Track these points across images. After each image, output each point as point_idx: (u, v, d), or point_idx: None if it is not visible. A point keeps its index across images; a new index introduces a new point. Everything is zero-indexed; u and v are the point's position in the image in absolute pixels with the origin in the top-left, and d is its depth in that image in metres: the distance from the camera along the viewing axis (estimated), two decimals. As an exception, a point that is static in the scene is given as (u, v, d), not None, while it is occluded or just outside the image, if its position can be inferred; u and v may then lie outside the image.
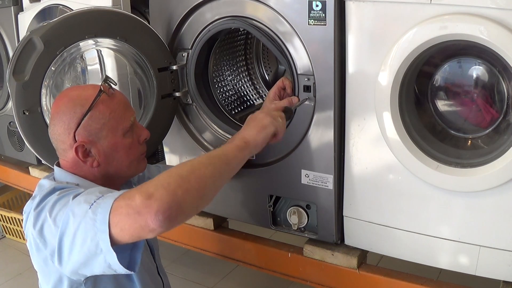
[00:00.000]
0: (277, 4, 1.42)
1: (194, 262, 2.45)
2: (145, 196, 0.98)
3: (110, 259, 1.03)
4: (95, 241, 1.02)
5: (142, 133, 1.31)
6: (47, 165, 1.62)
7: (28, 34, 1.38)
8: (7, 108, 2.32)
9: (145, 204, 0.98)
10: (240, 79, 1.92)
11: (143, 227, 0.98)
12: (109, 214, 1.00)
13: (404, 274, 1.49)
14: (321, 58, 1.39)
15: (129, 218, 0.99)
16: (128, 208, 0.99)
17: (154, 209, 0.97)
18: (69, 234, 1.05)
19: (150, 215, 0.97)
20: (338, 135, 1.45)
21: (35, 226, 1.10)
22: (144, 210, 0.97)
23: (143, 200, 0.98)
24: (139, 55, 1.56)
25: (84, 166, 1.23)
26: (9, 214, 2.76)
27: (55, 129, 1.22)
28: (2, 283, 2.43)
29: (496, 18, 1.15)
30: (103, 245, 1.01)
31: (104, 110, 1.21)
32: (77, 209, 1.05)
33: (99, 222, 1.01)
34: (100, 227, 1.01)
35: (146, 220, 0.98)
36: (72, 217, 1.04)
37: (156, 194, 0.99)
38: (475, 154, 1.37)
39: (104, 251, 1.02)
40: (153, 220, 0.97)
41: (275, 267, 1.69)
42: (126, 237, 1.01)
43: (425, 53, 1.28)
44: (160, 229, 0.99)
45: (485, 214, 1.31)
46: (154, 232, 0.99)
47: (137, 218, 0.98)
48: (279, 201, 1.63)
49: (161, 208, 0.97)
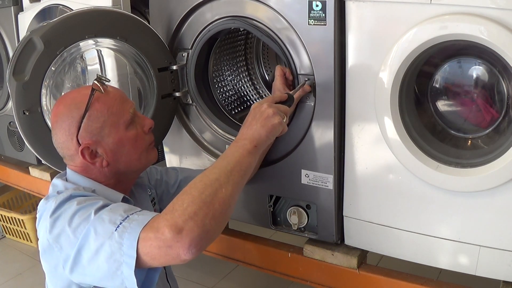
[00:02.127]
0: (277, 4, 1.42)
1: (194, 262, 2.44)
2: (175, 230, 0.99)
3: (128, 283, 1.04)
4: (118, 263, 1.02)
5: (145, 122, 1.30)
6: (47, 165, 1.62)
7: (28, 34, 1.38)
8: (7, 108, 2.32)
9: (177, 239, 0.99)
10: (240, 79, 1.92)
11: (175, 258, 1.01)
12: (137, 242, 1.01)
13: (404, 274, 1.49)
14: (321, 58, 1.39)
15: (160, 251, 1.00)
16: (158, 241, 1.00)
17: (187, 243, 0.99)
18: (90, 250, 1.05)
19: (183, 249, 0.99)
20: (338, 135, 1.45)
21: (51, 232, 1.10)
22: (176, 245, 0.99)
23: (174, 235, 0.99)
24: (139, 55, 1.56)
25: (94, 168, 1.23)
26: (9, 214, 2.76)
27: (57, 137, 1.22)
28: (2, 283, 2.43)
29: (496, 18, 1.15)
30: (125, 270, 1.02)
31: (101, 107, 1.20)
32: (100, 228, 1.05)
33: (126, 247, 1.02)
34: (128, 251, 1.01)
35: (178, 253, 1.00)
36: (94, 234, 1.04)
37: (186, 228, 0.99)
38: (475, 154, 1.37)
39: (124, 274, 1.03)
40: (186, 253, 1.00)
41: (275, 267, 1.69)
42: (156, 264, 1.04)
43: (425, 53, 1.28)
44: (191, 258, 1.01)
45: (485, 214, 1.31)
46: (186, 261, 1.02)
47: (169, 251, 1.00)
48: (279, 201, 1.63)
49: (193, 242, 0.99)
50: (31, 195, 2.84)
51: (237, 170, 1.14)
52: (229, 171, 1.13)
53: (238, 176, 1.14)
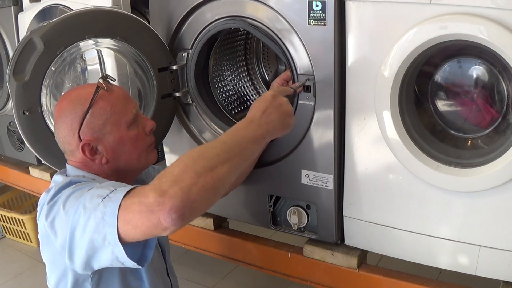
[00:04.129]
0: (277, 4, 1.42)
1: (194, 262, 2.45)
2: (159, 193, 0.96)
3: (118, 252, 1.02)
4: (103, 233, 1.01)
5: (147, 123, 1.31)
6: (47, 165, 1.62)
7: (28, 34, 1.38)
8: (7, 108, 2.32)
9: (158, 202, 0.96)
10: (240, 79, 1.92)
11: (156, 225, 0.97)
12: (118, 208, 1.00)
13: (404, 274, 1.49)
14: (321, 58, 1.39)
15: (142, 216, 0.98)
16: (141, 205, 0.98)
17: (168, 207, 0.95)
18: (80, 227, 1.05)
19: (163, 213, 0.95)
20: (338, 135, 1.45)
21: (47, 217, 1.11)
22: (157, 208, 0.96)
23: (157, 198, 0.96)
24: (139, 55, 1.56)
25: (94, 164, 1.24)
26: (9, 214, 2.76)
27: (59, 132, 1.23)
28: (2, 283, 2.43)
29: (496, 18, 1.15)
30: (110, 238, 1.01)
31: (105, 105, 1.21)
32: (88, 203, 1.04)
33: (108, 215, 1.00)
34: (109, 220, 1.00)
35: (159, 218, 0.96)
36: (83, 210, 1.04)
37: (170, 192, 0.96)
38: (475, 154, 1.37)
39: (112, 244, 1.02)
40: (166, 218, 0.96)
41: (275, 267, 1.69)
42: (139, 235, 1.01)
43: (425, 53, 1.28)
44: (173, 227, 0.98)
45: (485, 214, 1.31)
46: (167, 230, 0.98)
47: (150, 216, 0.97)
48: (279, 201, 1.63)
49: (174, 207, 0.95)
50: (31, 195, 2.84)
51: (240, 153, 1.11)
52: (231, 151, 1.09)
53: (239, 160, 1.10)
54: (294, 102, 1.47)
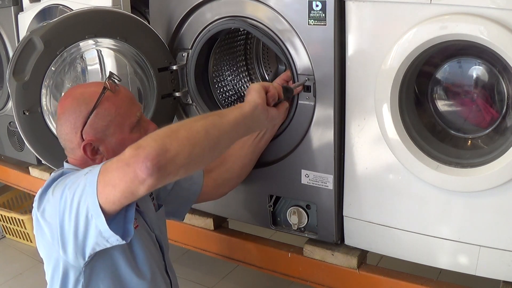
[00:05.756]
0: (277, 4, 1.42)
1: (194, 262, 2.45)
2: (134, 147, 1.00)
3: (100, 225, 1.03)
4: (86, 206, 1.03)
5: (149, 127, 1.30)
6: (47, 165, 1.62)
7: (28, 34, 1.38)
8: (7, 108, 2.32)
9: (133, 154, 0.99)
10: (240, 79, 1.91)
11: (133, 179, 0.99)
12: (97, 175, 1.02)
13: (404, 274, 1.49)
14: (321, 58, 1.39)
15: (119, 172, 1.00)
16: (118, 162, 1.01)
17: (142, 156, 0.98)
18: (67, 209, 1.06)
19: (138, 163, 0.97)
20: (338, 135, 1.45)
21: (39, 208, 1.12)
22: (132, 160, 0.98)
23: (132, 151, 0.99)
24: (139, 55, 1.56)
25: (93, 164, 1.23)
26: (9, 214, 2.76)
27: (62, 129, 1.23)
28: (2, 283, 2.43)
29: (496, 18, 1.15)
30: (92, 209, 1.02)
31: (110, 107, 1.21)
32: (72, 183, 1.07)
33: (88, 184, 1.02)
34: (89, 189, 1.02)
35: (135, 170, 0.98)
36: (68, 191, 1.07)
37: (143, 144, 1.00)
38: (475, 154, 1.37)
39: (94, 215, 1.03)
40: (141, 168, 0.97)
41: (275, 267, 1.69)
42: (118, 194, 1.02)
43: (425, 53, 1.28)
44: (150, 180, 0.99)
45: (485, 214, 1.31)
46: (145, 183, 0.99)
47: (126, 169, 0.99)
48: (279, 201, 1.63)
49: (148, 155, 0.98)
50: (31, 195, 2.83)
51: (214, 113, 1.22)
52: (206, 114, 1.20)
53: (213, 116, 1.18)
54: (294, 102, 1.47)
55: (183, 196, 1.51)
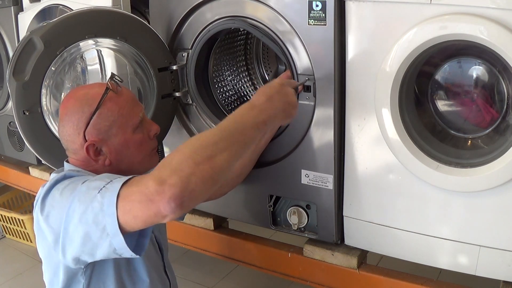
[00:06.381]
0: (277, 4, 1.42)
1: (194, 262, 2.45)
2: (158, 182, 0.97)
3: (116, 243, 1.03)
4: (102, 224, 1.02)
5: (152, 127, 1.31)
6: (47, 165, 1.62)
7: (28, 34, 1.38)
8: (7, 108, 2.32)
9: (158, 191, 0.97)
10: (240, 79, 1.91)
11: (156, 214, 0.98)
12: (117, 197, 1.00)
13: (404, 274, 1.49)
14: (321, 58, 1.39)
15: (142, 205, 0.99)
16: (141, 195, 0.99)
17: (167, 196, 0.96)
18: (75, 220, 1.05)
19: (163, 202, 0.96)
20: (338, 135, 1.45)
21: (42, 212, 1.11)
22: (157, 198, 0.97)
23: (156, 187, 0.97)
24: (139, 55, 1.56)
25: (96, 165, 1.24)
26: (9, 214, 2.76)
27: (64, 130, 1.22)
28: (2, 283, 2.43)
29: (496, 18, 1.15)
30: (110, 228, 1.01)
31: (113, 107, 1.21)
32: (84, 196, 1.05)
33: (106, 205, 1.01)
34: (108, 210, 1.01)
35: (158, 207, 0.97)
36: (78, 203, 1.04)
37: (169, 181, 0.97)
38: (475, 154, 1.37)
39: (110, 235, 1.02)
40: (166, 207, 0.97)
41: (275, 267, 1.69)
42: (139, 224, 1.02)
43: (425, 53, 1.28)
44: (172, 215, 0.99)
45: (485, 214, 1.31)
46: (166, 218, 0.99)
47: (150, 205, 0.98)
48: (279, 201, 1.63)
49: (173, 196, 0.96)
50: (31, 195, 2.83)
51: (239, 140, 1.10)
52: (231, 138, 1.09)
53: (238, 147, 1.09)
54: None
55: None
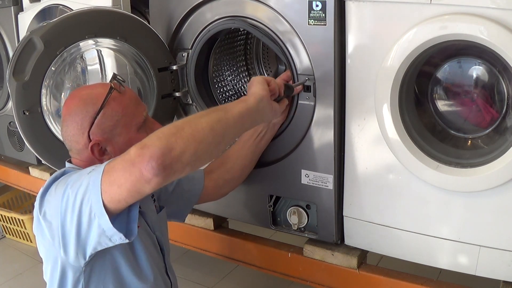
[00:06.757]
0: (277, 4, 1.42)
1: (194, 262, 2.45)
2: (139, 146, 1.00)
3: (104, 223, 1.03)
4: (89, 205, 1.02)
5: (155, 127, 1.30)
6: (47, 165, 1.62)
7: (28, 34, 1.38)
8: (7, 108, 2.32)
9: (138, 154, 0.98)
10: (240, 79, 1.91)
11: (139, 178, 0.99)
12: (101, 174, 1.01)
13: (404, 274, 1.49)
14: (321, 58, 1.39)
15: (125, 172, 1.00)
16: (123, 162, 1.01)
17: (147, 156, 0.97)
18: (69, 208, 1.06)
19: (143, 163, 0.97)
20: (338, 135, 1.45)
21: (40, 209, 1.12)
22: (137, 159, 0.98)
23: (136, 150, 0.99)
24: (139, 55, 1.56)
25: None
26: (9, 214, 2.76)
27: (68, 130, 1.22)
28: (2, 283, 2.43)
29: (496, 18, 1.15)
30: (95, 208, 1.02)
31: (117, 107, 1.21)
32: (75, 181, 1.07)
33: (92, 183, 1.02)
34: (93, 188, 1.02)
35: (140, 169, 0.98)
36: (70, 189, 1.06)
37: (148, 143, 1.00)
38: (475, 154, 1.37)
39: (97, 214, 1.02)
40: (146, 167, 0.97)
41: (275, 267, 1.69)
42: (124, 194, 1.02)
43: (425, 53, 1.28)
44: (156, 179, 0.99)
45: (485, 214, 1.31)
46: (151, 182, 0.99)
47: (132, 169, 0.98)
48: (279, 201, 1.63)
49: (154, 155, 0.97)
50: (31, 195, 2.83)
51: (218, 108, 1.20)
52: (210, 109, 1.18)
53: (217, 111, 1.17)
54: (294, 102, 1.47)
55: (185, 198, 1.52)
